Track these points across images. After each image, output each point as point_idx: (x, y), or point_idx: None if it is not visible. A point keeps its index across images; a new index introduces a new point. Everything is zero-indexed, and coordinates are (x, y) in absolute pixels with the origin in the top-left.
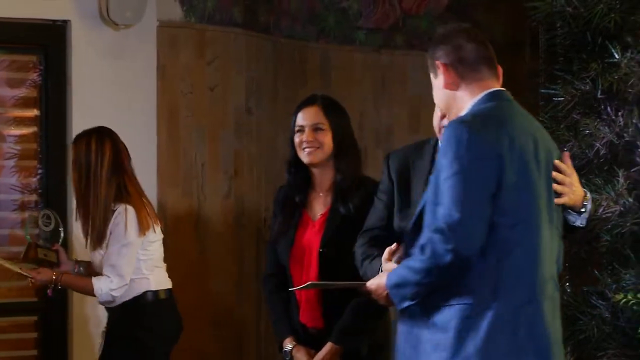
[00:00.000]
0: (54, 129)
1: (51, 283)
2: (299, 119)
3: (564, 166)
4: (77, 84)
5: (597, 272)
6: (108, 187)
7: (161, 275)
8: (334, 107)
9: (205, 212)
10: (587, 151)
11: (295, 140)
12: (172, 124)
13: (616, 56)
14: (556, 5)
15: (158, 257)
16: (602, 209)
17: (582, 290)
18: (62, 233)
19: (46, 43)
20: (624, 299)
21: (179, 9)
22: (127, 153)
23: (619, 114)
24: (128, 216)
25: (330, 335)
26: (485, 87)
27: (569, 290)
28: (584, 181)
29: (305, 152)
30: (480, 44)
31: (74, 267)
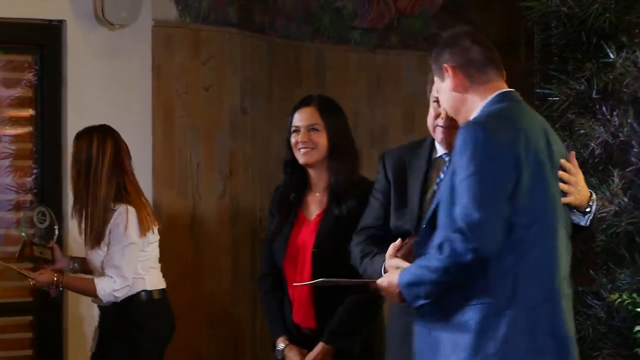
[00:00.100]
0: (50, 129)
1: (52, 284)
2: (295, 119)
3: (570, 165)
4: (72, 84)
5: (592, 272)
6: (108, 186)
7: (156, 276)
8: (331, 108)
9: (200, 211)
10: (582, 151)
11: (291, 140)
12: (168, 124)
13: (611, 56)
14: (551, 5)
15: (154, 258)
16: (597, 209)
17: (578, 290)
18: (57, 230)
19: (42, 43)
20: (619, 298)
21: (174, 9)
22: (128, 153)
23: (614, 113)
24: (129, 217)
25: (322, 335)
26: (494, 88)
27: None
28: None
29: (301, 152)
30: (485, 45)
31: (69, 263)
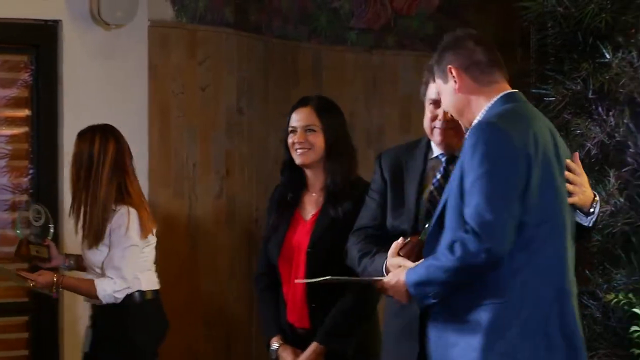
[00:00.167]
0: (46, 129)
1: (52, 285)
2: (292, 119)
3: (574, 166)
4: (68, 84)
5: (588, 272)
6: (108, 186)
7: (151, 277)
8: (328, 109)
9: (196, 212)
10: (579, 151)
11: (289, 141)
12: (164, 124)
13: (607, 56)
14: (547, 5)
15: (151, 260)
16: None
17: None
18: (52, 228)
19: (37, 43)
20: (614, 298)
21: (170, 9)
22: (130, 153)
23: (610, 114)
24: (131, 218)
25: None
26: (499, 89)
27: None
28: None
29: (297, 153)
30: (488, 47)
31: (64, 261)
